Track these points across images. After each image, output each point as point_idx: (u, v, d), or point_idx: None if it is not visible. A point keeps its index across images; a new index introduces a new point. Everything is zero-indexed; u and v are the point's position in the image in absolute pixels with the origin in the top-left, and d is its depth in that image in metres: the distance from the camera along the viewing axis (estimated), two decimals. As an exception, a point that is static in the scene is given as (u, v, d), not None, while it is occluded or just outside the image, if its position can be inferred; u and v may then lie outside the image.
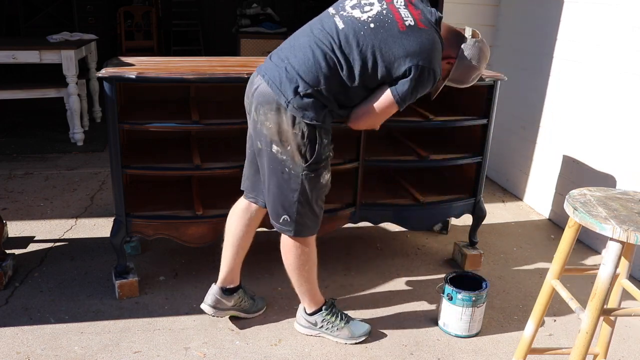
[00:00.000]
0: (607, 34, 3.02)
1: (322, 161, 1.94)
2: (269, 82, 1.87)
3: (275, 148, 1.90)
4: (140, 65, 2.35)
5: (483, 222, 2.84)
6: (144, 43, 7.75)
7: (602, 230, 1.46)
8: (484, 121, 2.64)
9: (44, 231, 3.00)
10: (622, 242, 1.46)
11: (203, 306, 2.22)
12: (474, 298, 2.20)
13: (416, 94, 1.90)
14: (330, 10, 1.97)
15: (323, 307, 2.20)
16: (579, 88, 3.25)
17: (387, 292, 2.58)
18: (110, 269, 2.55)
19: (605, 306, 1.51)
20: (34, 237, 2.93)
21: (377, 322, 2.34)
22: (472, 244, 2.85)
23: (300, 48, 1.88)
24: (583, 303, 1.58)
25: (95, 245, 2.86)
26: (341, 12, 1.92)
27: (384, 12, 1.88)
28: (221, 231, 2.46)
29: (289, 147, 1.88)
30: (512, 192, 3.95)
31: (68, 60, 4.31)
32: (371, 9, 1.89)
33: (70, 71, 4.34)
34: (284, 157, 1.90)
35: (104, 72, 2.15)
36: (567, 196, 1.64)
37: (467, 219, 2.91)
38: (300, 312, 2.25)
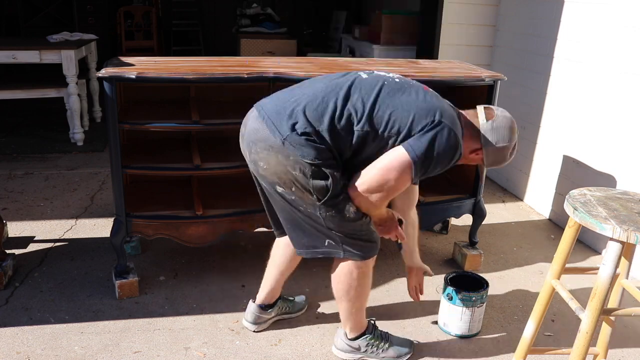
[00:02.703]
0: (607, 34, 3.02)
1: (340, 195, 1.72)
2: (265, 117, 1.73)
3: (279, 189, 1.75)
4: (140, 65, 2.35)
5: (483, 222, 2.84)
6: (144, 43, 7.75)
7: (602, 230, 1.46)
8: (484, 121, 2.64)
9: (44, 231, 3.00)
10: (622, 242, 1.46)
11: (244, 322, 2.24)
12: (474, 298, 2.19)
13: (436, 160, 1.69)
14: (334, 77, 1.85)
15: (367, 332, 2.07)
16: (579, 88, 3.25)
17: (387, 292, 2.58)
18: (110, 269, 2.55)
19: (605, 306, 1.51)
20: (34, 237, 2.93)
21: (377, 322, 2.34)
22: (472, 244, 2.85)
23: (312, 87, 1.78)
24: (583, 303, 1.58)
25: (95, 245, 2.86)
26: (365, 71, 1.87)
27: (410, 80, 1.85)
28: (221, 231, 2.47)
29: (293, 189, 1.71)
30: (512, 192, 3.95)
31: (68, 60, 4.31)
32: (396, 75, 1.86)
33: (70, 71, 4.34)
34: (293, 198, 1.74)
35: (104, 72, 2.15)
36: (567, 196, 1.64)
37: (467, 219, 2.91)
38: (340, 337, 2.09)
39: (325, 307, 2.43)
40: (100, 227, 3.08)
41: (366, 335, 2.07)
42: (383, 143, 1.71)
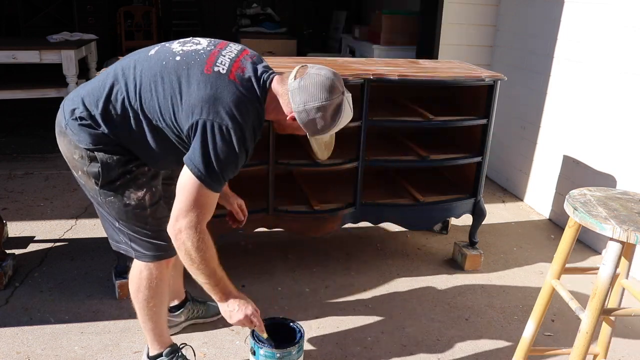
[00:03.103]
0: (607, 34, 3.02)
1: (116, 180, 1.66)
2: (63, 101, 1.71)
3: (75, 174, 1.73)
4: (140, 65, 2.34)
5: (483, 222, 2.84)
6: (144, 43, 7.70)
7: (602, 230, 1.46)
8: (484, 121, 2.64)
9: (44, 231, 3.00)
10: (622, 242, 1.45)
11: None
12: (278, 355, 1.80)
13: (224, 161, 1.53)
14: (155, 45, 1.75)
15: (164, 352, 1.89)
16: (579, 88, 3.25)
17: (387, 292, 2.58)
18: (110, 269, 2.54)
19: (605, 306, 1.51)
20: (34, 237, 2.93)
21: (377, 322, 2.34)
22: (472, 244, 2.85)
23: (113, 66, 1.69)
24: (583, 303, 1.58)
25: (95, 245, 2.86)
26: (164, 44, 1.72)
27: (201, 51, 1.63)
28: (221, 231, 2.46)
29: (79, 173, 1.69)
30: (512, 192, 3.95)
31: (68, 60, 4.31)
32: (192, 47, 1.66)
33: (70, 71, 4.34)
34: (83, 183, 1.72)
35: (104, 72, 2.14)
36: (567, 196, 1.64)
37: (467, 219, 2.91)
38: (145, 350, 1.97)
39: (325, 307, 2.43)
40: (100, 227, 3.05)
41: (162, 358, 1.89)
42: (169, 131, 1.61)
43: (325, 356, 2.11)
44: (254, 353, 1.85)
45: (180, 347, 1.97)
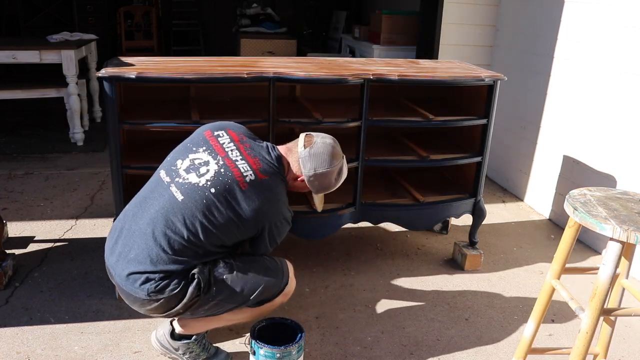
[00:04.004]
0: (607, 34, 3.02)
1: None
2: (117, 283, 1.81)
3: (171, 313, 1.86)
4: (140, 65, 2.35)
5: (483, 222, 2.84)
6: (144, 43, 7.75)
7: (602, 230, 1.46)
8: (484, 121, 2.64)
9: (44, 231, 3.00)
10: (622, 242, 1.46)
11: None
12: (278, 355, 1.83)
13: (276, 243, 1.96)
14: (164, 177, 1.85)
15: (193, 337, 1.98)
16: (579, 88, 3.25)
17: (387, 292, 2.58)
18: (110, 269, 2.54)
19: (605, 306, 1.51)
20: (34, 237, 2.93)
21: (377, 322, 2.34)
22: (472, 244, 2.85)
23: (141, 235, 1.77)
24: (583, 303, 1.58)
25: (95, 245, 2.86)
26: (176, 180, 1.81)
27: (222, 170, 1.80)
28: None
29: (179, 306, 1.80)
30: (512, 192, 3.95)
31: (68, 60, 4.31)
32: (207, 170, 1.80)
33: (70, 71, 4.34)
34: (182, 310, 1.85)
35: (104, 72, 2.15)
36: (567, 196, 1.64)
37: (467, 219, 2.91)
38: (165, 329, 2.01)
39: (325, 307, 2.43)
40: (100, 227, 3.08)
41: (189, 341, 1.97)
42: (236, 241, 1.88)
43: (325, 356, 2.12)
44: (254, 353, 1.85)
45: (205, 334, 2.04)
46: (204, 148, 1.88)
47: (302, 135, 1.96)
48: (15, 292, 2.42)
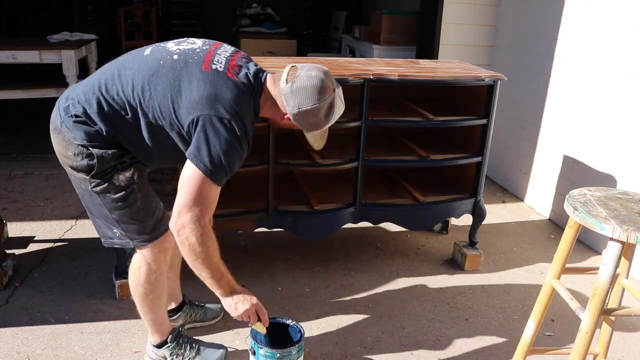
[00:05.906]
0: (607, 34, 3.02)
1: (108, 169, 1.69)
2: (57, 102, 1.75)
3: (68, 171, 1.77)
4: (140, 65, 2.34)
5: (483, 222, 2.84)
6: (144, 43, 7.69)
7: (602, 230, 1.46)
8: (484, 121, 2.64)
9: (44, 231, 3.00)
10: (622, 242, 1.45)
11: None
12: (277, 355, 1.81)
13: (227, 154, 1.57)
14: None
15: (167, 340, 1.95)
16: (579, 88, 3.25)
17: (387, 292, 2.58)
18: (110, 269, 2.54)
19: (605, 306, 1.51)
20: (34, 237, 2.93)
21: (377, 322, 2.34)
22: (472, 244, 2.85)
23: (109, 65, 1.72)
24: (583, 303, 1.58)
25: (95, 245, 2.85)
26: (159, 44, 1.76)
27: (197, 50, 1.69)
28: (221, 231, 2.46)
29: (70, 169, 1.74)
30: (512, 192, 3.95)
31: (68, 60, 4.30)
32: (188, 46, 1.71)
33: (70, 71, 4.33)
34: (74, 179, 1.77)
35: (104, 71, 2.14)
36: (567, 196, 1.64)
37: (467, 219, 2.91)
38: (147, 343, 2.00)
39: (325, 307, 2.43)
40: (100, 227, 3.07)
41: (168, 345, 1.94)
42: (169, 128, 1.64)
43: (325, 356, 2.11)
44: (254, 353, 1.84)
45: (181, 330, 2.03)
46: (204, 40, 1.77)
47: (287, 67, 1.71)
48: (15, 292, 2.42)
